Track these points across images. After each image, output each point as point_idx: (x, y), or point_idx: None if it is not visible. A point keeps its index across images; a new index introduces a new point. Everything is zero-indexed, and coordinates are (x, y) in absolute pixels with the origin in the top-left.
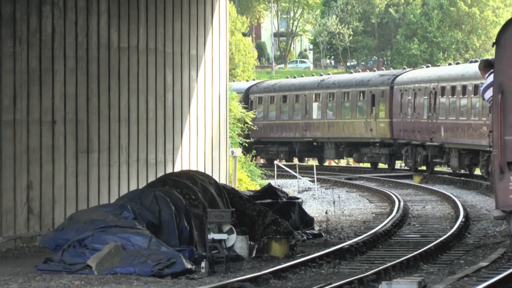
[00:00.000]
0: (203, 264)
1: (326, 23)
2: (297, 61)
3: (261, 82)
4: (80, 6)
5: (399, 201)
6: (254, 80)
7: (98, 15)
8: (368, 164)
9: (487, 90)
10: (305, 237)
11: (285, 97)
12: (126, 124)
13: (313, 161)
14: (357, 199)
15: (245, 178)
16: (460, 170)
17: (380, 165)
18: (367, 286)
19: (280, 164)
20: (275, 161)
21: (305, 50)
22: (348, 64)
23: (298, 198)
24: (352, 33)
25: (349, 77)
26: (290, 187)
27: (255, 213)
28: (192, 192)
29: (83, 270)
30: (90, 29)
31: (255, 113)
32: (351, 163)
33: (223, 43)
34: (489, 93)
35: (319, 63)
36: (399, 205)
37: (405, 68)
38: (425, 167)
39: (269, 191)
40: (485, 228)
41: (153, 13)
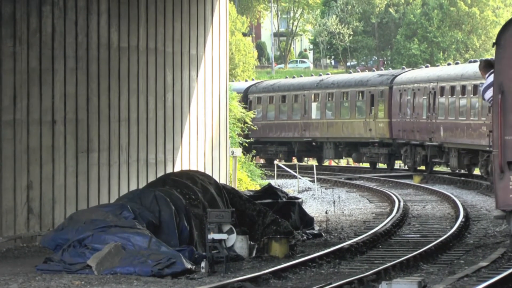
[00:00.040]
0: (203, 264)
1: (326, 23)
2: (297, 61)
3: (260, 82)
4: (80, 6)
5: (399, 201)
6: (253, 80)
7: (98, 15)
8: (367, 164)
9: (487, 90)
10: (305, 237)
11: (284, 97)
12: (126, 124)
13: (313, 161)
14: (357, 199)
15: (245, 178)
16: (460, 170)
17: (380, 165)
18: (367, 286)
19: (280, 164)
20: (275, 161)
21: (305, 50)
22: (348, 64)
23: (298, 198)
24: (352, 33)
25: (348, 77)
26: (290, 187)
27: (255, 213)
28: (192, 192)
29: (83, 270)
30: (90, 29)
31: (254, 113)
32: (351, 163)
33: (223, 43)
34: (489, 93)
35: (319, 63)
36: (399, 205)
37: (404, 68)
38: (424, 167)
39: (269, 191)
40: (485, 228)
41: (153, 13)
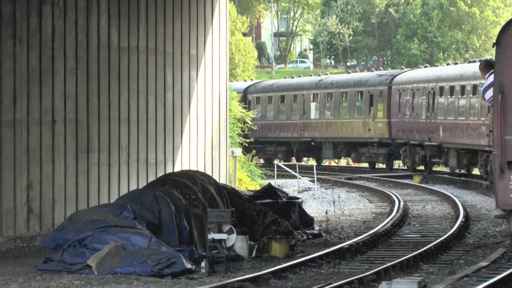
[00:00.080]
0: (203, 264)
1: (326, 23)
2: (297, 61)
3: (259, 82)
4: (80, 6)
5: (399, 201)
6: (252, 80)
7: (98, 15)
8: (366, 164)
9: (488, 90)
10: (305, 237)
11: (283, 97)
12: (126, 124)
13: (313, 161)
14: (357, 199)
15: (245, 178)
16: (460, 170)
17: (380, 165)
18: (367, 286)
19: (280, 164)
20: (276, 161)
21: (305, 50)
22: (348, 64)
23: (298, 198)
24: (352, 33)
25: (347, 77)
26: (290, 187)
27: (255, 213)
28: (192, 192)
29: (83, 270)
30: (90, 29)
31: (254, 113)
32: (351, 163)
33: (223, 43)
34: (489, 93)
35: (319, 63)
36: (399, 205)
37: (403, 68)
38: (423, 167)
39: (269, 191)
40: (485, 228)
41: (153, 13)
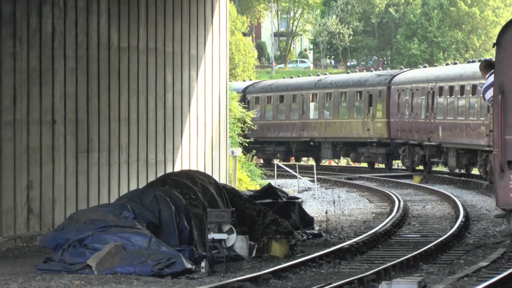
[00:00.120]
0: (203, 264)
1: (326, 23)
2: (297, 61)
3: (258, 82)
4: (80, 6)
5: (399, 201)
6: (251, 80)
7: (98, 14)
8: (365, 164)
9: (488, 90)
10: (305, 237)
11: (282, 97)
12: (126, 124)
13: (312, 161)
14: (357, 199)
15: (245, 178)
16: (460, 170)
17: (380, 165)
18: (367, 286)
19: (280, 164)
20: (276, 160)
21: (305, 50)
22: (348, 64)
23: (298, 198)
24: (352, 33)
25: (346, 77)
26: (290, 187)
27: (255, 213)
28: (192, 192)
29: (83, 270)
30: (90, 28)
31: (254, 113)
32: (351, 163)
33: (223, 43)
34: (489, 93)
35: (319, 63)
36: (399, 205)
37: (402, 68)
38: (422, 167)
39: (269, 191)
40: (485, 228)
41: (153, 13)
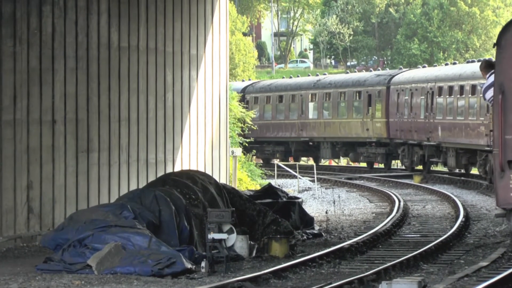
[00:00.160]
0: (203, 264)
1: (326, 23)
2: (297, 60)
3: (257, 82)
4: (81, 6)
5: (399, 201)
6: (250, 80)
7: (98, 14)
8: (364, 163)
9: (488, 90)
10: (305, 236)
11: (281, 97)
12: (126, 124)
13: (313, 161)
14: (357, 198)
15: (245, 177)
16: (460, 170)
17: (380, 165)
18: (367, 286)
19: (281, 164)
20: (276, 160)
21: (305, 50)
22: (348, 64)
23: (298, 198)
24: (352, 33)
25: (346, 77)
26: (290, 187)
27: (255, 212)
28: (192, 192)
29: (83, 269)
30: (90, 28)
31: (255, 113)
32: (351, 163)
33: (223, 43)
34: (490, 93)
35: (319, 63)
36: (399, 204)
37: (401, 68)
38: (421, 167)
39: (269, 191)
40: (485, 228)
41: (153, 13)
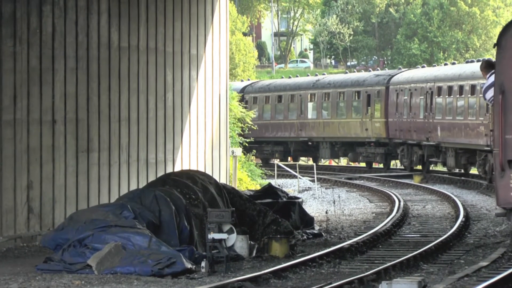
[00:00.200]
0: (203, 264)
1: (326, 23)
2: (297, 60)
3: (256, 82)
4: (81, 6)
5: (399, 201)
6: (249, 80)
7: (98, 14)
8: (363, 163)
9: (488, 90)
10: (305, 236)
11: (280, 97)
12: (126, 124)
13: (312, 161)
14: (357, 198)
15: (245, 177)
16: (461, 170)
17: (380, 165)
18: (367, 286)
19: (281, 164)
20: (276, 160)
21: (306, 50)
22: (349, 63)
23: (298, 198)
24: (352, 32)
25: (345, 77)
26: (290, 186)
27: (255, 212)
28: (192, 192)
29: (83, 269)
30: (90, 28)
31: (255, 113)
32: (351, 163)
33: (223, 43)
34: (490, 93)
35: (319, 62)
36: (399, 204)
37: (400, 68)
38: (420, 167)
39: (269, 190)
40: (485, 227)
41: (154, 13)
